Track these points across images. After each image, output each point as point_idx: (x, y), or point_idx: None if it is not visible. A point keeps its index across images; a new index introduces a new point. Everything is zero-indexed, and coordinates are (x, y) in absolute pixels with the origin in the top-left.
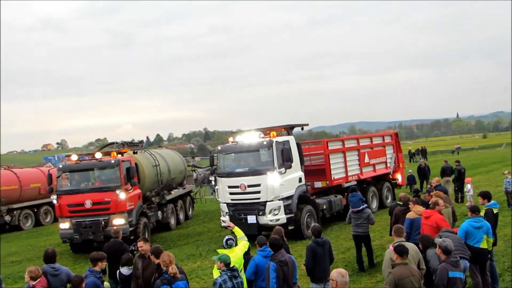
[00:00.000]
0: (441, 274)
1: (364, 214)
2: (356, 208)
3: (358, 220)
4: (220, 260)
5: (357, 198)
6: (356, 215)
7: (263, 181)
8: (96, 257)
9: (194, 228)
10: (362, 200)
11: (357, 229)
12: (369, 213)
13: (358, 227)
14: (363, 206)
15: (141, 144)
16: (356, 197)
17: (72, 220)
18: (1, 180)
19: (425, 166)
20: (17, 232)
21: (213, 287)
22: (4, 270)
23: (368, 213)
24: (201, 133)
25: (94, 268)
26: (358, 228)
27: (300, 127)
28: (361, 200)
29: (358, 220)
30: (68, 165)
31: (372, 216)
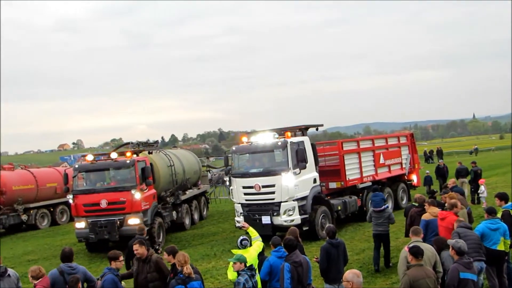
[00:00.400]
0: (452, 275)
1: (385, 213)
2: (377, 207)
3: (379, 219)
4: (239, 260)
5: (379, 198)
6: (377, 214)
7: (277, 181)
8: (113, 255)
9: (209, 228)
10: (383, 200)
11: (377, 228)
12: (390, 213)
13: (379, 226)
14: (385, 206)
15: (156, 144)
16: (378, 196)
17: (88, 219)
18: (18, 180)
19: (443, 167)
20: (33, 231)
21: (237, 287)
22: (21, 268)
23: (389, 212)
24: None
25: (112, 266)
26: (379, 227)
27: (314, 127)
28: (382, 200)
29: (379, 219)
30: (84, 165)
31: (392, 216)
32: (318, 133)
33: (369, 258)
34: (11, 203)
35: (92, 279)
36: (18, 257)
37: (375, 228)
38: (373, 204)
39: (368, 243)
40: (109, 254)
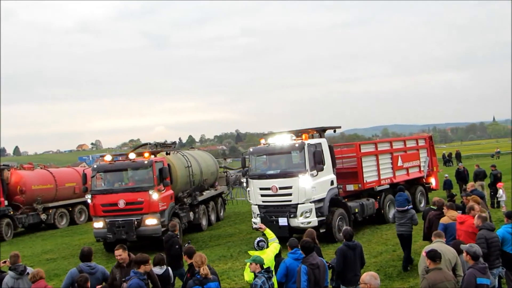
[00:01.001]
0: (469, 280)
1: (408, 214)
2: (401, 207)
3: (402, 219)
4: (255, 261)
5: (403, 198)
6: (401, 214)
7: (294, 183)
8: (142, 259)
9: (225, 229)
10: (408, 201)
11: (400, 228)
12: (413, 214)
13: (402, 226)
14: (408, 207)
15: (173, 145)
16: (402, 197)
17: (106, 219)
18: (38, 179)
19: (464, 170)
20: (52, 230)
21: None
22: (40, 267)
23: (412, 213)
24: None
25: (138, 270)
26: (402, 227)
27: (332, 129)
28: (407, 200)
29: (402, 219)
30: (103, 165)
31: (416, 216)
32: (335, 135)
33: (386, 261)
34: (30, 202)
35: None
36: (37, 256)
37: (398, 228)
38: (397, 204)
39: (385, 246)
40: (136, 257)
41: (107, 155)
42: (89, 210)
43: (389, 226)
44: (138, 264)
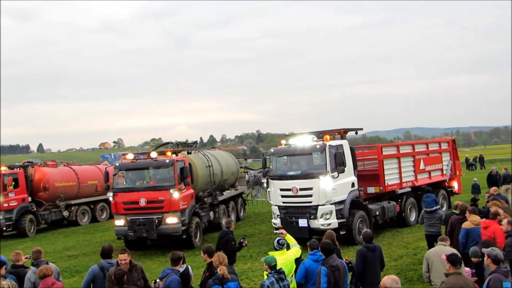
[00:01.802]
0: (495, 285)
1: (436, 214)
2: (429, 208)
3: (431, 220)
4: (265, 262)
5: (431, 199)
6: (429, 215)
7: (315, 184)
8: (178, 257)
9: (245, 229)
10: (435, 202)
11: (429, 229)
12: (442, 214)
13: (431, 227)
14: (436, 207)
15: (195, 145)
16: (430, 198)
17: (127, 217)
18: (61, 176)
19: (497, 174)
20: (74, 227)
21: None
22: (62, 263)
23: (440, 214)
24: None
25: (175, 268)
26: (431, 228)
27: (354, 131)
28: (434, 201)
29: (430, 220)
30: (125, 164)
31: (444, 217)
32: (357, 137)
33: (406, 265)
34: (53, 199)
35: None
36: (59, 252)
37: (427, 228)
38: (424, 205)
39: (406, 249)
40: (174, 256)
41: (129, 153)
42: (111, 208)
43: (410, 229)
44: (176, 262)
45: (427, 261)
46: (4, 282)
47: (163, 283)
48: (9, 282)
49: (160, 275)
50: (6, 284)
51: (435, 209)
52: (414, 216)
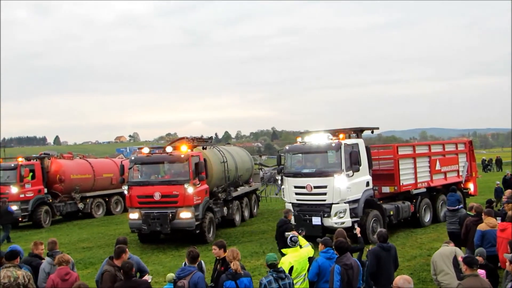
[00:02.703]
0: None
1: (458, 213)
2: (452, 207)
3: (452, 218)
4: (266, 260)
5: (455, 198)
6: (451, 213)
7: (329, 183)
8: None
9: (259, 226)
10: (458, 201)
11: (451, 226)
12: (464, 213)
13: (453, 224)
14: (459, 206)
15: (210, 140)
16: (454, 197)
17: (141, 211)
18: (77, 169)
19: (511, 177)
20: (89, 219)
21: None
22: (76, 255)
23: (462, 213)
24: (268, 132)
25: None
26: (453, 225)
27: (370, 130)
28: (458, 201)
29: (452, 218)
30: (140, 158)
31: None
32: (372, 136)
33: (420, 266)
34: (69, 191)
35: (145, 269)
36: (74, 244)
37: (449, 226)
38: (448, 203)
39: (420, 250)
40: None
41: (145, 147)
42: (125, 201)
43: (424, 230)
44: (195, 260)
45: (433, 263)
46: (19, 272)
47: (188, 282)
48: (23, 272)
49: (181, 273)
50: (21, 273)
51: (457, 208)
52: (429, 217)
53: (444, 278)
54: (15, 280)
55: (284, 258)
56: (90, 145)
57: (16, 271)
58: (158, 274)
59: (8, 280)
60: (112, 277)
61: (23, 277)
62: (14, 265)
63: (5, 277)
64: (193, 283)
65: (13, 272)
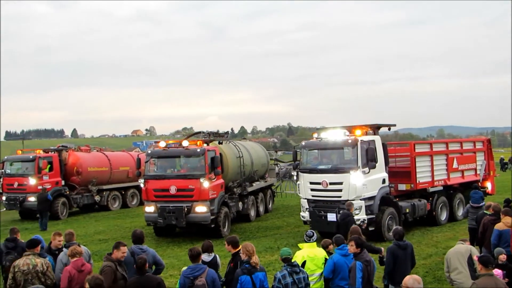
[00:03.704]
0: None
1: (481, 211)
2: (476, 204)
3: (474, 215)
4: (280, 255)
5: (479, 196)
6: (474, 210)
7: (345, 179)
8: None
9: (273, 221)
10: (482, 198)
11: (472, 222)
12: (481, 212)
13: (473, 221)
14: (482, 204)
15: (226, 135)
16: (478, 194)
17: (157, 204)
18: (94, 161)
19: None
20: (105, 212)
21: (273, 282)
22: (92, 247)
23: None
24: (284, 128)
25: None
26: (473, 221)
27: (387, 127)
28: (481, 198)
29: (474, 215)
30: (156, 151)
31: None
32: (389, 133)
33: (436, 264)
34: (86, 183)
35: (161, 262)
36: (90, 236)
37: (470, 222)
38: (472, 200)
39: (436, 248)
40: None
41: (162, 141)
42: (141, 194)
43: (440, 228)
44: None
45: (447, 260)
46: (38, 260)
47: (204, 279)
48: (42, 260)
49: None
50: (39, 261)
51: (481, 205)
52: (445, 215)
53: (458, 277)
54: (33, 267)
55: (299, 252)
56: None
57: (35, 259)
58: (173, 267)
59: (27, 267)
60: (113, 273)
61: (42, 265)
62: (34, 253)
63: (24, 265)
64: (211, 280)
65: (32, 260)
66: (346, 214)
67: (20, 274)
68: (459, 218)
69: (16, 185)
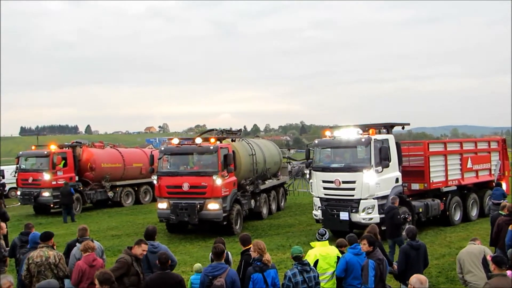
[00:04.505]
0: None
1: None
2: (497, 200)
3: (496, 211)
4: (291, 253)
5: (500, 193)
6: (495, 207)
7: (358, 178)
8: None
9: (286, 219)
10: (504, 195)
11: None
12: (496, 212)
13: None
14: (504, 201)
15: (239, 133)
16: (499, 191)
17: (170, 201)
18: (107, 158)
19: None
20: (118, 208)
21: (283, 280)
22: (105, 242)
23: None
24: (297, 126)
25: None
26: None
27: (400, 126)
28: (503, 195)
29: (495, 211)
30: (170, 148)
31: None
32: (402, 132)
33: (449, 264)
34: (99, 179)
35: (173, 259)
36: (103, 231)
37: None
38: (493, 197)
39: (449, 248)
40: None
41: (175, 138)
42: (154, 191)
43: (454, 228)
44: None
45: (459, 262)
46: (51, 252)
47: (223, 279)
48: (55, 252)
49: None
50: (52, 254)
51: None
52: (459, 215)
53: (473, 279)
54: (46, 259)
55: (311, 251)
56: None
57: (48, 251)
58: (185, 264)
59: (40, 259)
60: (127, 265)
61: (54, 257)
62: (47, 246)
63: (38, 257)
64: (230, 280)
65: (45, 252)
66: (391, 208)
67: (34, 266)
68: (473, 219)
69: (31, 180)
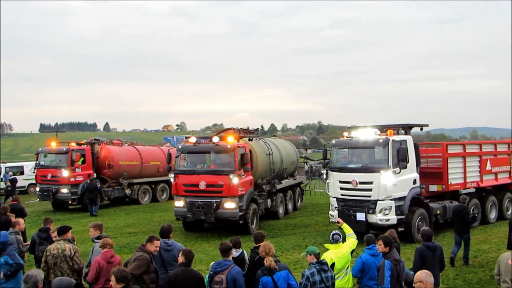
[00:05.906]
0: None
1: None
2: None
3: None
4: (308, 253)
5: None
6: None
7: (375, 179)
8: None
9: (302, 219)
10: None
11: None
12: None
13: None
14: None
15: (256, 132)
16: None
17: (187, 199)
18: (125, 155)
19: None
20: (135, 205)
21: (301, 279)
22: (122, 239)
23: None
24: (315, 126)
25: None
26: None
27: (419, 127)
28: None
29: None
30: (187, 146)
31: None
32: (421, 133)
33: (466, 267)
34: (117, 177)
35: None
36: (120, 229)
37: None
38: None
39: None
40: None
41: (192, 136)
42: (171, 189)
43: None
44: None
45: (499, 264)
46: (67, 245)
47: (224, 276)
48: (71, 246)
49: (217, 268)
50: (68, 247)
51: None
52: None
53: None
54: (62, 252)
55: (326, 254)
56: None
57: (65, 244)
58: (201, 262)
59: (57, 251)
60: (147, 262)
61: (70, 250)
62: (64, 239)
63: (54, 249)
64: (231, 278)
65: (61, 245)
66: (462, 207)
67: (51, 258)
68: (492, 221)
69: (50, 176)
